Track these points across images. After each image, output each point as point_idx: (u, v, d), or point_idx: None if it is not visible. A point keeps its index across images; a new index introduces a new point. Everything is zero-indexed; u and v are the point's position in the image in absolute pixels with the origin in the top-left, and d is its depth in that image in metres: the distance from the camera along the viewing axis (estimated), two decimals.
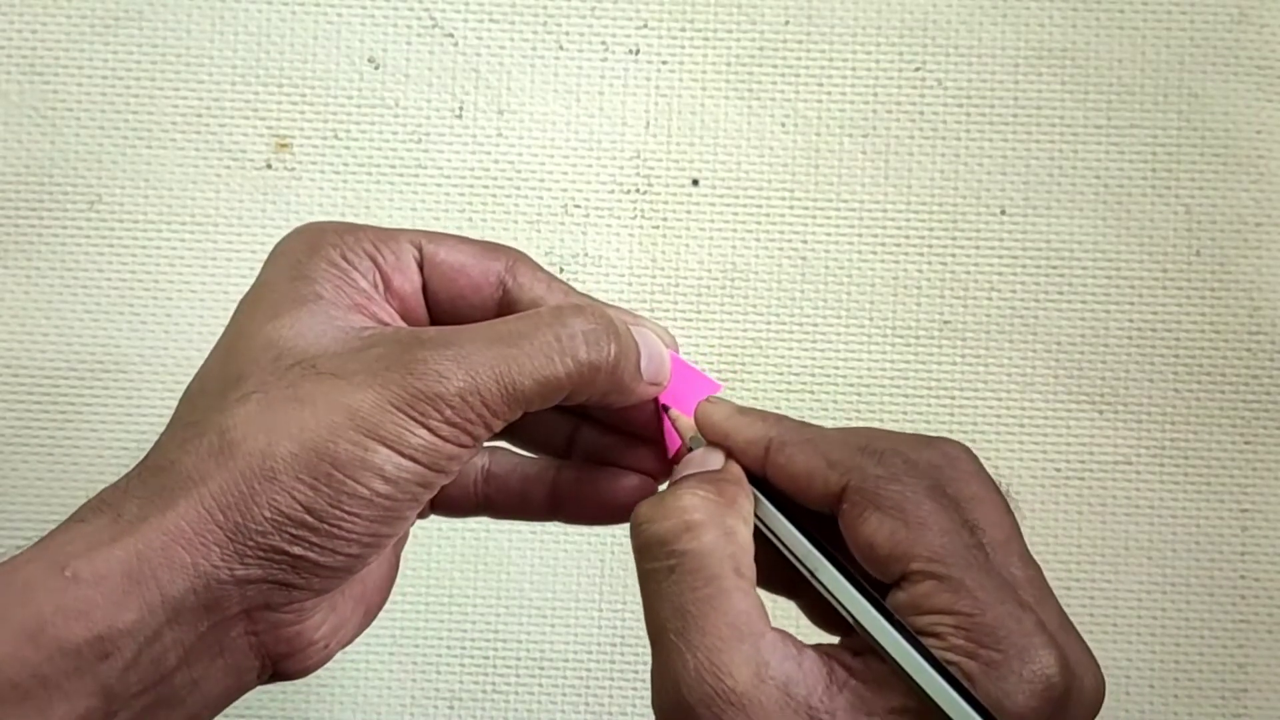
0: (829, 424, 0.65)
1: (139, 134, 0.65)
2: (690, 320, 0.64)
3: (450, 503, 0.41)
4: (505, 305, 0.38)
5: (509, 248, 0.39)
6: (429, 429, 0.33)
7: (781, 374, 0.64)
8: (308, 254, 0.37)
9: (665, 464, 0.40)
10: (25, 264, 0.64)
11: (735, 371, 0.64)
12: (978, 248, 0.65)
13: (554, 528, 0.63)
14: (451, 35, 0.66)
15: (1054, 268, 0.65)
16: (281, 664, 0.36)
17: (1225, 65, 0.65)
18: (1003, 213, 0.65)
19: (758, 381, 0.64)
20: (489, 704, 0.63)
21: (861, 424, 0.64)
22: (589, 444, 0.41)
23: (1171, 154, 0.65)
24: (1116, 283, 0.64)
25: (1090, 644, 0.36)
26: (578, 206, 0.65)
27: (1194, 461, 0.64)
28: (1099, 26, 0.65)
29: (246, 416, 0.34)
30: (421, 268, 0.38)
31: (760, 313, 0.64)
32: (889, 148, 0.65)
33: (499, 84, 0.65)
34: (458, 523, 0.64)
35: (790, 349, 0.64)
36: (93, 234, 0.64)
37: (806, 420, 0.39)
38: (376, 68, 0.65)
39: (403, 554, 0.42)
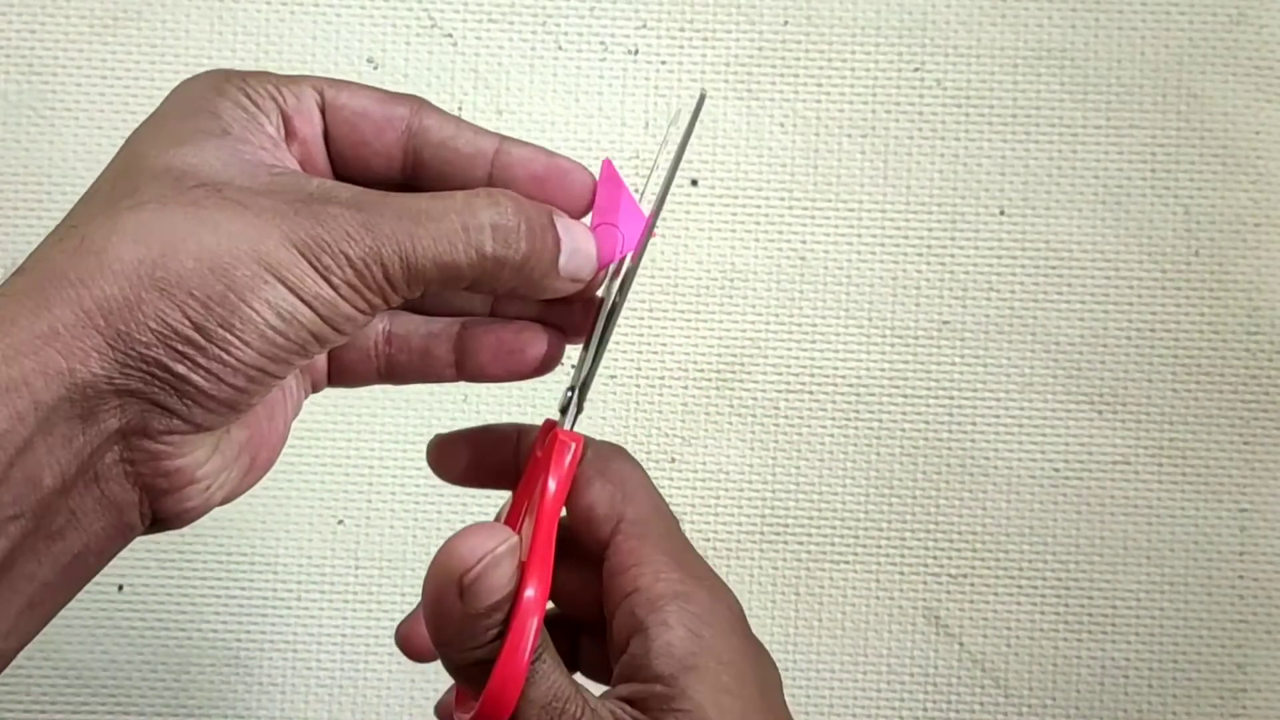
0: (828, 424, 0.65)
1: None
2: (689, 320, 0.64)
3: (350, 370, 0.40)
4: (412, 150, 0.37)
5: (414, 96, 0.38)
6: (329, 283, 0.32)
7: (780, 374, 0.64)
8: (213, 93, 0.35)
9: (581, 324, 0.39)
10: None
11: (735, 372, 0.64)
12: (977, 248, 0.65)
13: None
14: (450, 35, 0.66)
15: (1053, 268, 0.65)
16: (161, 501, 0.33)
17: (1224, 66, 0.65)
18: (1002, 213, 0.65)
19: (756, 382, 0.64)
20: None
21: (861, 423, 0.64)
22: (500, 308, 0.40)
23: (1170, 154, 0.65)
24: (1115, 283, 0.64)
25: (1090, 643, 0.37)
26: None
27: (1193, 461, 0.64)
28: (1098, 27, 0.65)
29: (139, 223, 0.32)
30: (324, 113, 0.37)
31: (759, 313, 0.64)
32: (888, 148, 0.65)
33: (498, 84, 0.65)
34: (457, 523, 0.64)
35: (789, 349, 0.64)
36: None
37: (806, 421, 0.39)
38: (376, 68, 0.65)
39: (406, 557, 0.42)
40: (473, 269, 0.34)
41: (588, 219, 0.38)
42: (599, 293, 0.39)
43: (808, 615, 0.64)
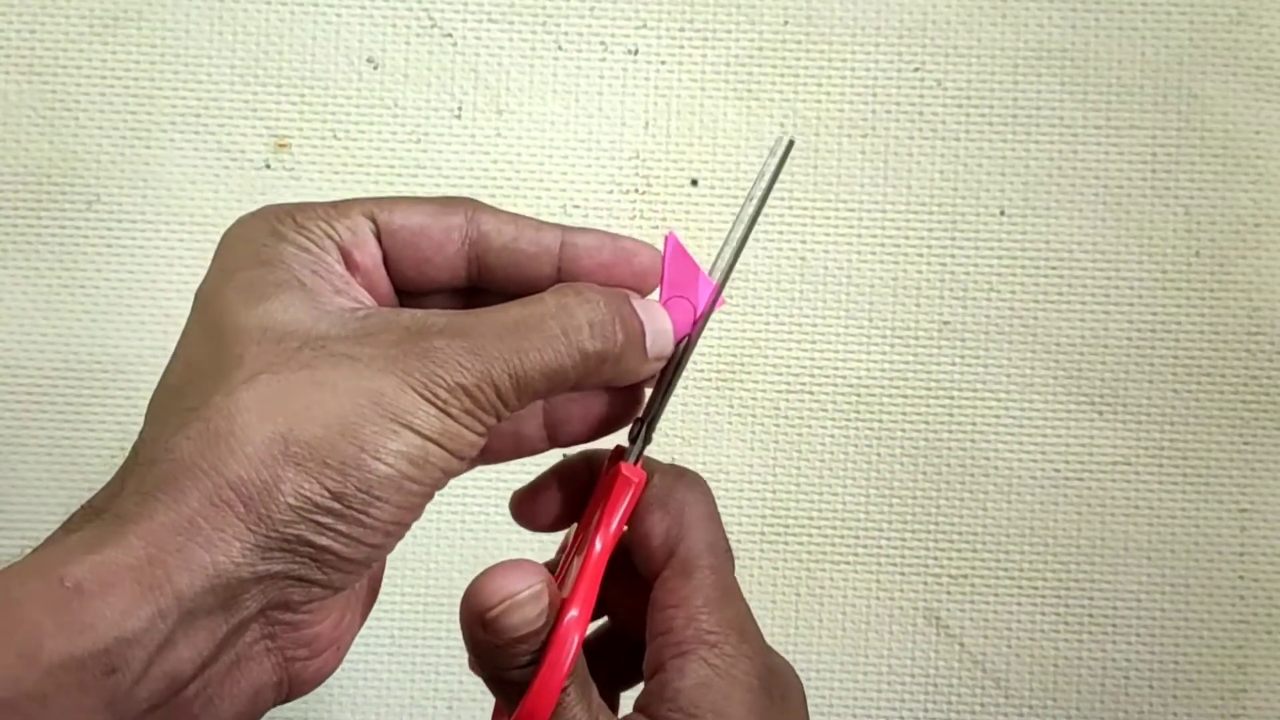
0: (828, 424, 0.65)
1: (137, 134, 0.65)
2: None
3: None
4: (475, 258, 0.37)
5: (462, 198, 0.37)
6: (450, 415, 0.32)
7: (781, 374, 0.64)
8: (272, 239, 0.35)
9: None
10: (24, 264, 0.64)
11: (735, 372, 0.64)
12: (977, 248, 0.65)
13: None
14: (450, 35, 0.66)
15: (1053, 268, 0.65)
16: (299, 671, 0.34)
17: (1224, 66, 0.65)
18: (1002, 213, 0.65)
19: (756, 382, 0.64)
20: (488, 704, 0.63)
21: (861, 423, 0.64)
22: None
23: (1171, 154, 0.65)
24: (1116, 283, 0.64)
25: (1090, 644, 0.37)
26: (576, 207, 0.65)
27: (1193, 462, 0.64)
28: (1098, 27, 0.65)
29: (259, 398, 0.31)
30: (380, 239, 0.36)
31: (759, 313, 0.64)
32: (888, 148, 0.65)
33: (498, 84, 0.65)
34: (457, 523, 0.64)
35: (790, 349, 0.64)
36: (91, 234, 0.64)
37: (806, 421, 0.40)
38: (375, 68, 0.65)
39: (406, 557, 0.42)
40: (576, 370, 0.34)
41: (655, 294, 0.39)
42: None
43: (808, 615, 0.64)
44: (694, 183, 0.65)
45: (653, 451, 0.39)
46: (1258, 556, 0.64)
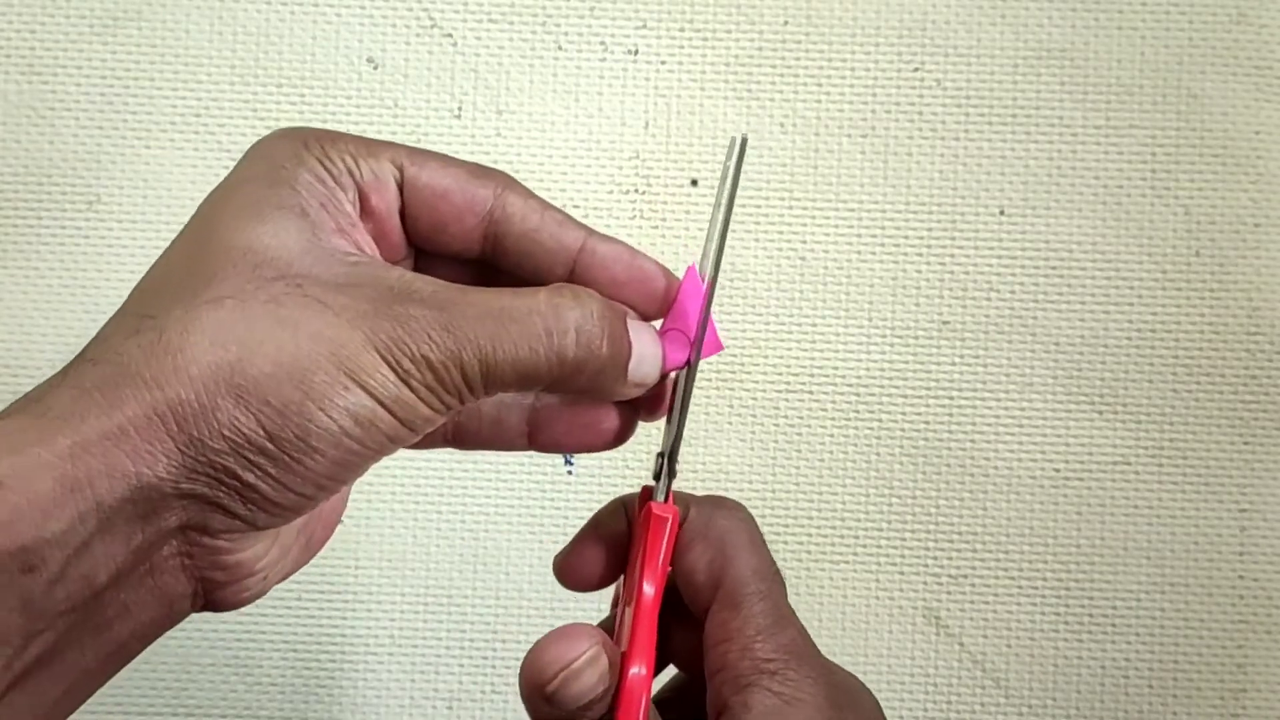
0: (828, 424, 0.65)
1: (138, 134, 0.65)
2: None
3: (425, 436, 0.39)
4: (493, 236, 0.36)
5: (498, 172, 0.36)
6: (409, 386, 0.32)
7: (780, 374, 0.64)
8: (291, 160, 0.34)
9: (655, 403, 0.38)
10: (24, 264, 0.64)
11: (735, 372, 0.64)
12: (976, 248, 0.65)
13: (551, 526, 0.63)
14: (450, 35, 0.66)
15: (1053, 268, 0.65)
16: (215, 593, 0.33)
17: (1224, 66, 0.65)
18: (1002, 213, 0.65)
19: (756, 382, 0.64)
20: (488, 704, 0.63)
21: (861, 423, 0.64)
22: None
23: (1170, 154, 0.65)
24: (1116, 283, 0.64)
25: (1090, 644, 0.37)
26: (576, 207, 0.65)
27: (1193, 462, 0.64)
28: (1098, 27, 0.65)
29: (218, 322, 0.31)
30: (402, 189, 0.36)
31: (759, 313, 0.64)
32: (888, 148, 0.65)
33: (498, 84, 0.65)
34: (457, 523, 0.64)
35: (789, 349, 0.64)
36: (91, 234, 0.64)
37: (806, 421, 0.39)
38: (375, 68, 0.65)
39: (406, 557, 0.42)
40: (551, 372, 0.33)
41: (658, 322, 0.38)
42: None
43: (807, 615, 0.64)
44: (694, 183, 0.65)
45: (653, 451, 0.39)
46: (1258, 556, 0.64)
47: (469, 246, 0.36)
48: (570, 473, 0.64)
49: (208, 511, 0.31)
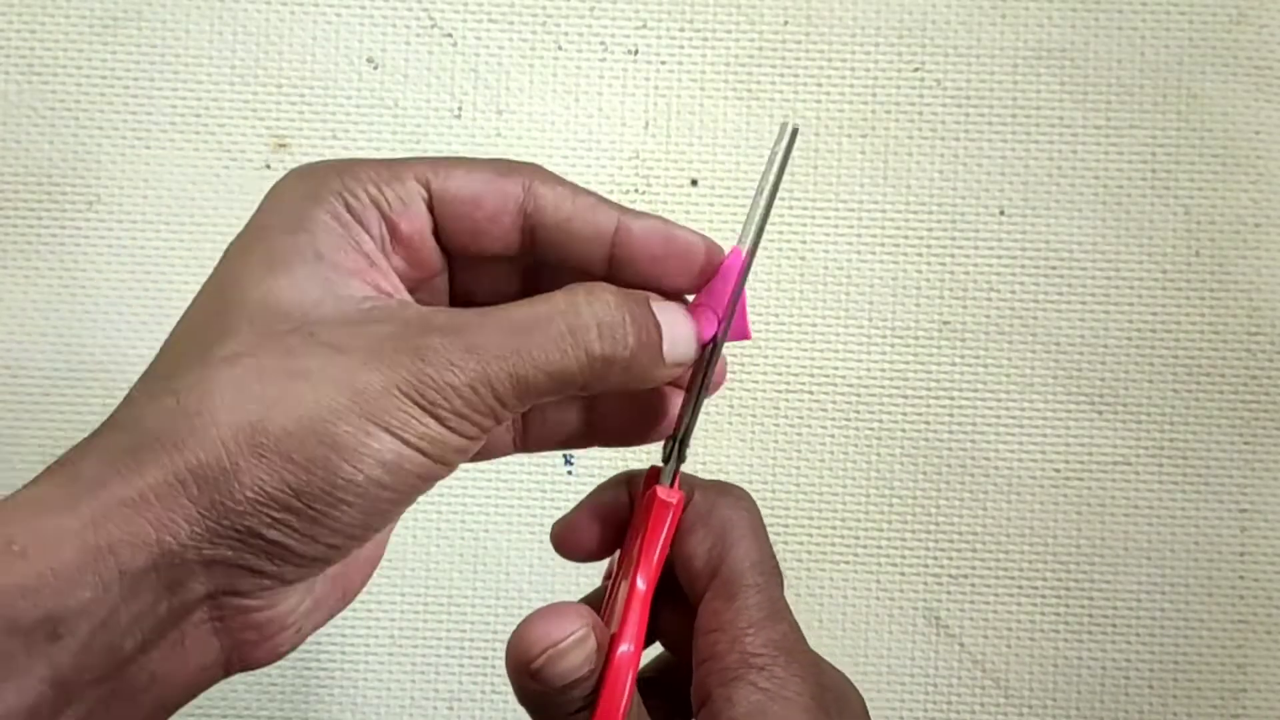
0: (828, 424, 0.65)
1: (137, 134, 0.65)
2: None
3: (487, 448, 0.38)
4: (528, 230, 0.35)
5: (522, 164, 0.36)
6: (437, 418, 0.31)
7: (780, 374, 0.64)
8: (309, 202, 0.34)
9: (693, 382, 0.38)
10: (24, 264, 0.64)
11: (734, 372, 0.64)
12: (976, 248, 0.65)
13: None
14: (450, 35, 0.66)
15: (1053, 268, 0.65)
16: (248, 652, 0.33)
17: (1224, 66, 0.65)
18: (1002, 213, 0.65)
19: (756, 382, 0.64)
20: (488, 704, 0.63)
21: (861, 423, 0.64)
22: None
23: (1170, 154, 0.65)
24: (1116, 283, 0.64)
25: (1090, 644, 0.37)
26: None
27: (1193, 462, 0.64)
28: (1098, 27, 0.65)
29: (234, 381, 0.30)
30: (431, 207, 0.35)
31: (759, 313, 0.64)
32: (888, 148, 0.65)
33: (498, 84, 0.65)
34: (457, 523, 0.64)
35: (789, 349, 0.64)
36: (91, 234, 0.64)
37: (806, 421, 0.39)
38: (375, 68, 0.65)
39: (406, 557, 0.42)
40: (584, 373, 0.33)
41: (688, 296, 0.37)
42: None
43: (807, 615, 0.64)
44: (694, 183, 0.65)
45: (653, 450, 0.39)
46: (1258, 556, 0.64)
47: (508, 246, 0.36)
48: (570, 473, 0.64)
49: (235, 575, 0.31)
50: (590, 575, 0.64)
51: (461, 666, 0.63)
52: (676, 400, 0.38)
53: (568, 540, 0.39)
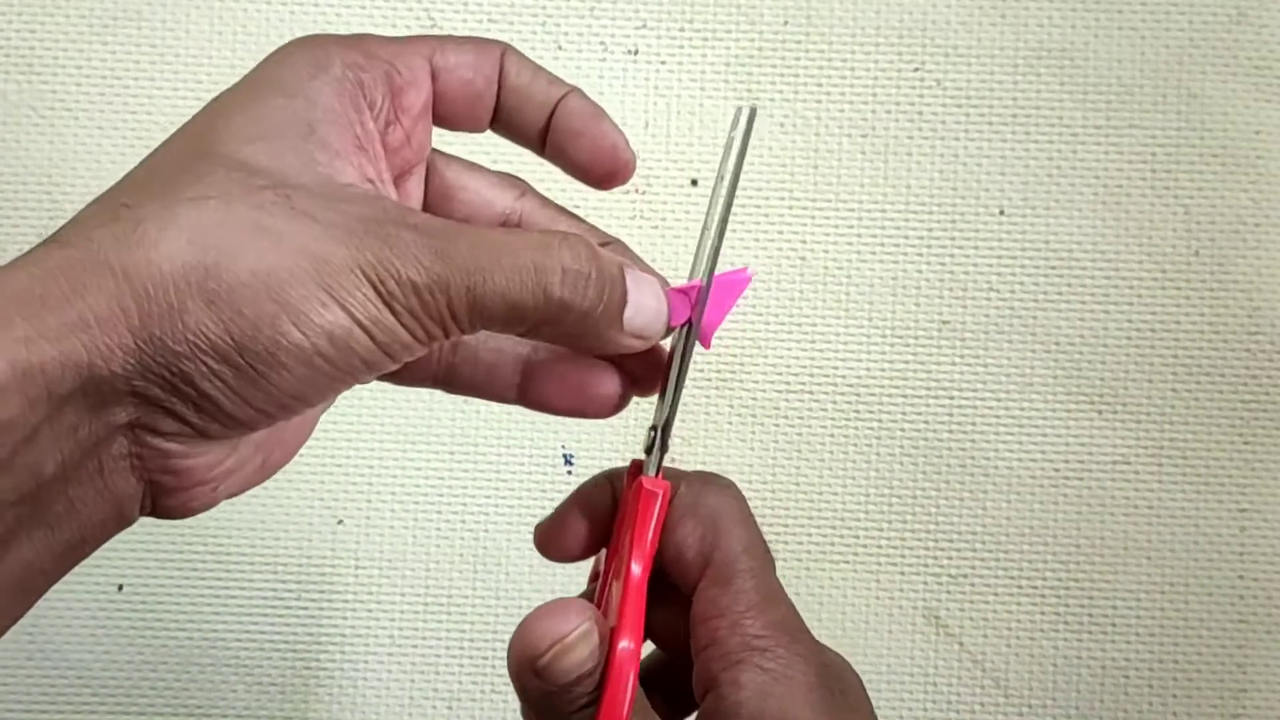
0: (828, 424, 0.65)
1: (138, 134, 0.65)
2: None
3: (407, 369, 0.37)
4: (499, 96, 0.37)
5: (495, 40, 0.37)
6: (391, 310, 0.30)
7: (780, 374, 0.64)
8: (314, 69, 0.33)
9: (650, 378, 0.37)
10: None
11: (734, 372, 0.64)
12: (976, 248, 0.65)
13: None
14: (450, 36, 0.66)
15: (1053, 268, 0.65)
16: (163, 498, 0.32)
17: (1224, 66, 0.65)
18: (1001, 213, 0.65)
19: (756, 382, 0.64)
20: (488, 704, 0.63)
21: (861, 423, 0.64)
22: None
23: (1170, 154, 0.65)
24: (1115, 283, 0.64)
25: (1090, 643, 0.37)
26: (576, 207, 0.65)
27: (1192, 461, 0.64)
28: (1098, 27, 0.65)
29: (198, 221, 0.29)
30: (435, 77, 0.36)
31: (759, 313, 0.64)
32: (888, 148, 0.65)
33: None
34: (457, 523, 0.64)
35: (789, 349, 0.64)
36: None
37: (806, 421, 0.39)
38: None
39: (406, 557, 0.42)
40: (538, 310, 0.32)
41: (684, 284, 0.37)
42: (666, 342, 0.37)
43: (807, 615, 0.64)
44: (694, 183, 0.65)
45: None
46: (1257, 556, 0.64)
47: (486, 117, 0.37)
48: (570, 473, 0.64)
49: (159, 415, 0.30)
50: (586, 575, 0.64)
51: (461, 666, 0.63)
52: (612, 381, 0.37)
53: (553, 540, 0.39)
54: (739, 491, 0.38)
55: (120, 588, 0.63)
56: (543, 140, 0.38)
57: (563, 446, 0.64)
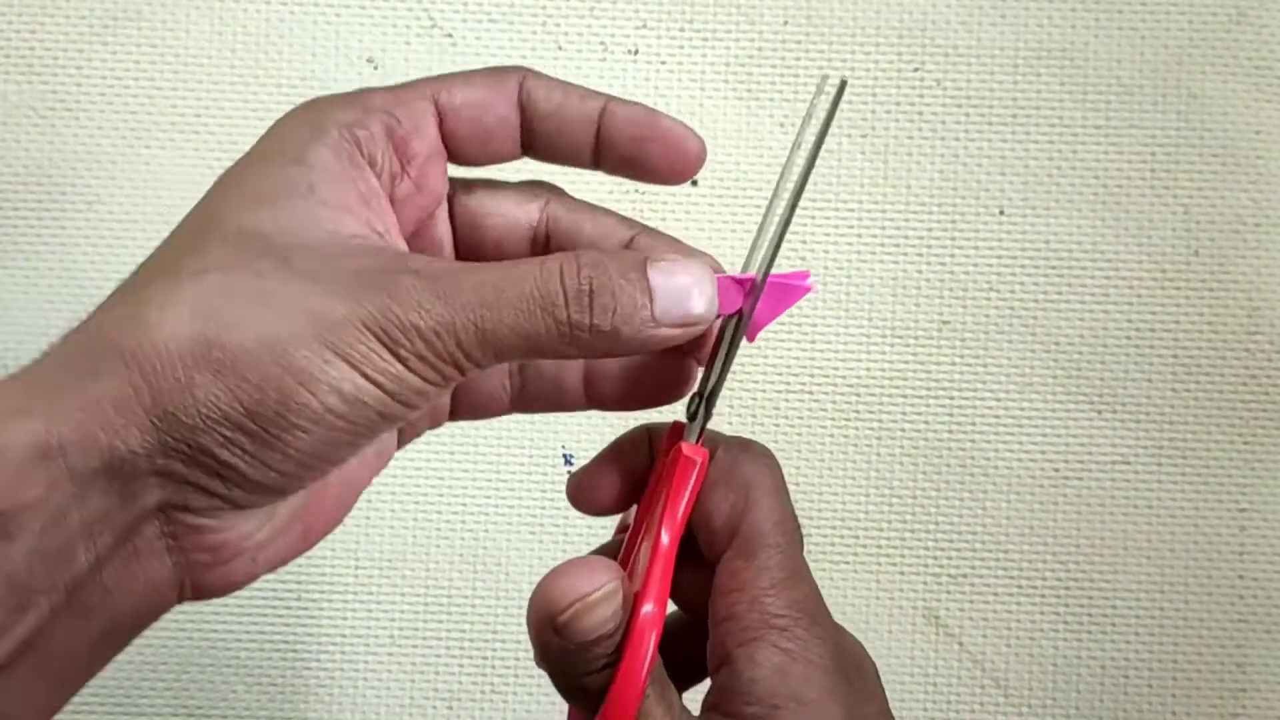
0: (828, 424, 0.65)
1: (138, 134, 0.65)
2: None
3: (480, 405, 0.38)
4: (526, 124, 0.36)
5: (511, 66, 0.36)
6: (397, 357, 0.30)
7: (780, 374, 0.64)
8: (311, 133, 0.33)
9: (705, 343, 0.37)
10: (24, 264, 0.64)
11: (734, 373, 0.64)
12: (976, 248, 0.65)
13: (551, 526, 0.63)
14: (450, 36, 0.66)
15: (1053, 268, 0.65)
16: (202, 576, 0.32)
17: (1224, 66, 0.65)
18: (1001, 213, 0.65)
19: (756, 382, 0.64)
20: (487, 704, 0.63)
21: (861, 423, 0.64)
22: None
23: (1170, 154, 0.65)
24: (1115, 283, 0.64)
25: (1090, 643, 0.37)
26: None
27: (1192, 461, 0.64)
28: (1098, 27, 0.65)
29: (198, 295, 0.30)
30: (442, 121, 0.35)
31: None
32: (888, 148, 0.65)
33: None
34: (457, 523, 0.64)
35: (789, 349, 0.64)
36: (91, 234, 0.64)
37: (806, 421, 0.39)
38: (375, 68, 0.65)
39: (406, 557, 0.42)
40: (551, 336, 0.32)
41: (735, 272, 0.36)
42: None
43: None
44: (694, 183, 0.65)
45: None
46: (1257, 556, 0.64)
47: (513, 149, 0.36)
48: (570, 473, 0.64)
49: (187, 491, 0.30)
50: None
51: (461, 666, 0.63)
52: (672, 364, 0.37)
53: (585, 491, 0.38)
54: (775, 461, 0.37)
55: None
56: (593, 156, 0.37)
57: (563, 446, 0.64)
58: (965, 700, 0.64)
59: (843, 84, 0.36)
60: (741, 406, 0.64)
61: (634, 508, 0.38)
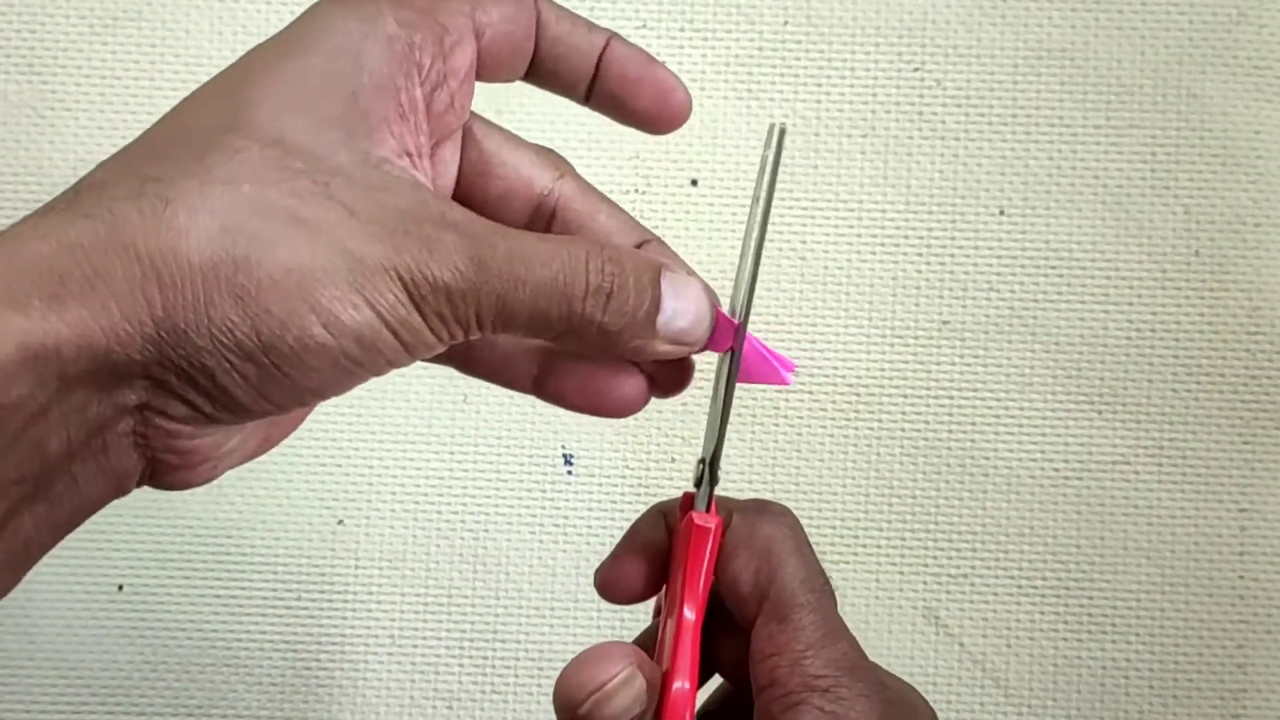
0: (828, 424, 0.65)
1: (137, 134, 0.65)
2: None
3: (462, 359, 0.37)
4: (537, 47, 0.36)
5: None
6: (420, 312, 0.30)
7: None
8: (363, 26, 0.32)
9: (673, 381, 0.37)
10: None
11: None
12: (976, 248, 0.65)
13: (551, 526, 0.63)
14: None
15: (1053, 268, 0.65)
16: (164, 474, 0.31)
17: (1224, 65, 0.65)
18: (1001, 213, 0.65)
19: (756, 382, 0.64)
20: (487, 704, 0.63)
21: (861, 423, 0.64)
22: None
23: (1170, 154, 0.65)
24: (1115, 283, 0.64)
25: (1089, 644, 0.37)
26: None
27: (1192, 461, 0.64)
28: (1098, 27, 0.65)
29: (231, 208, 0.29)
30: (478, 34, 0.34)
31: (759, 313, 0.64)
32: (888, 148, 0.65)
33: (497, 84, 0.65)
34: (457, 523, 0.64)
35: (789, 349, 0.64)
36: None
37: (806, 421, 0.38)
38: None
39: (406, 557, 0.42)
40: (560, 323, 0.32)
41: (725, 303, 0.36)
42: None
43: None
44: (694, 183, 0.65)
45: (653, 451, 0.39)
46: (1258, 556, 0.64)
47: (521, 70, 0.36)
48: (570, 473, 0.64)
49: (170, 399, 0.29)
50: (585, 575, 0.64)
51: (461, 666, 0.63)
52: (633, 383, 0.36)
53: (612, 583, 0.38)
54: (795, 520, 0.37)
55: (120, 588, 0.63)
56: (587, 89, 0.37)
57: (563, 446, 0.64)
58: (965, 700, 0.64)
59: (782, 130, 0.37)
60: (741, 406, 0.64)
61: (664, 589, 0.38)
